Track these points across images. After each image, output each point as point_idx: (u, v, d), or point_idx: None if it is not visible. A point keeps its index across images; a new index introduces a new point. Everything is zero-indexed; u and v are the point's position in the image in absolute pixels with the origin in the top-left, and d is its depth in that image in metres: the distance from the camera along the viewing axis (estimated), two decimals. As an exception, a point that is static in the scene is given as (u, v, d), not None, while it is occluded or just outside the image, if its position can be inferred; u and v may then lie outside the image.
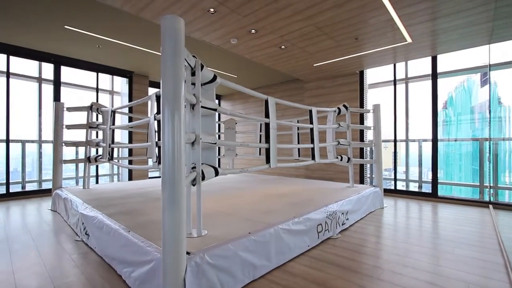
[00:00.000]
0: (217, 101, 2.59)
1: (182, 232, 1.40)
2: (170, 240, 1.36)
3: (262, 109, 7.45)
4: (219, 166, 1.98)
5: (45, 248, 2.40)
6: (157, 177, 6.71)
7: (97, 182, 5.93)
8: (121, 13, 3.38)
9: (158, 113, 2.75)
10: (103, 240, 2.20)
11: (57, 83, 5.20)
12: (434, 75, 4.61)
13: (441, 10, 3.03)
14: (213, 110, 2.01)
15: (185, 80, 1.54)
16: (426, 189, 4.94)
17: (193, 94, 1.81)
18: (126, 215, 2.41)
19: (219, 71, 5.96)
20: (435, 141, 4.59)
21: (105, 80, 6.16)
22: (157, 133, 2.86)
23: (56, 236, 2.73)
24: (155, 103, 2.82)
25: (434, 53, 4.42)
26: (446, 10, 3.03)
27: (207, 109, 1.94)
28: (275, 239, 2.03)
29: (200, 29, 3.58)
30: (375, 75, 5.54)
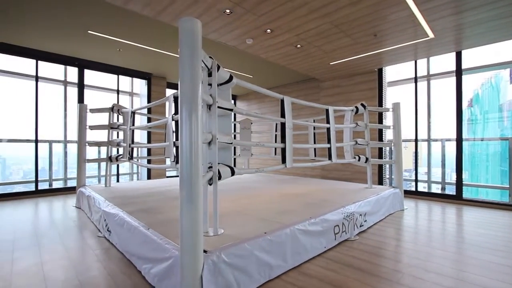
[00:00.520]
0: (232, 101, 2.60)
1: (199, 230, 1.43)
2: (187, 238, 1.39)
3: (277, 109, 7.42)
4: (235, 166, 2.00)
5: (70, 243, 2.52)
6: (174, 176, 6.86)
7: (118, 180, 6.15)
8: (140, 17, 3.48)
9: (175, 113, 2.81)
10: (124, 236, 2.27)
11: (81, 86, 5.45)
12: (458, 72, 4.40)
13: (466, 3, 2.88)
14: (229, 110, 2.03)
15: (202, 81, 1.56)
16: (449, 191, 4.73)
17: (210, 94, 1.83)
18: (145, 212, 2.49)
19: (234, 71, 6.00)
20: (459, 140, 4.38)
21: (125, 82, 6.38)
22: (174, 133, 2.92)
23: (80, 232, 2.86)
24: (173, 104, 2.88)
25: (458, 48, 4.21)
26: (471, 3, 2.88)
27: (224, 109, 1.95)
28: (291, 240, 2.02)
29: (216, 30, 3.62)
30: (395, 72, 5.36)
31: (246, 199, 3.12)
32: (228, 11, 3.11)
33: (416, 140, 4.90)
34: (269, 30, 3.60)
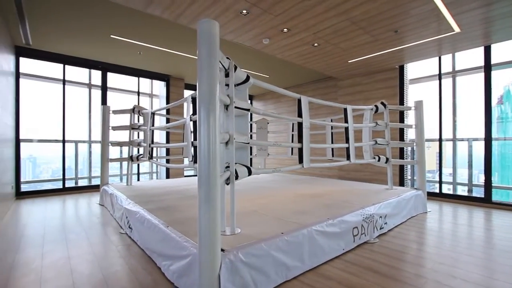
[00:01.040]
0: (249, 101, 2.61)
1: (217, 229, 1.44)
2: (205, 236, 1.41)
3: (293, 108, 7.36)
4: (251, 165, 2.00)
5: (94, 239, 2.63)
6: (192, 175, 6.99)
7: (138, 179, 6.35)
8: (160, 20, 3.58)
9: (193, 114, 2.86)
10: (144, 233, 2.35)
11: (104, 88, 5.68)
12: (487, 67, 4.15)
13: (496, -6, 2.72)
14: (246, 110, 2.03)
15: (219, 81, 1.57)
16: (477, 193, 4.47)
17: (227, 95, 1.85)
18: (164, 210, 2.55)
19: (251, 72, 6.02)
20: (488, 140, 4.13)
21: (145, 84, 6.58)
22: (192, 133, 2.97)
23: (103, 228, 2.99)
24: (191, 105, 2.93)
25: (487, 42, 3.98)
26: (502, -6, 2.71)
27: (241, 109, 1.96)
28: (308, 240, 1.99)
29: (232, 31, 3.65)
30: (417, 69, 5.16)
31: (262, 199, 3.12)
32: (244, 11, 3.12)
33: (440, 139, 4.69)
34: (285, 29, 3.58)
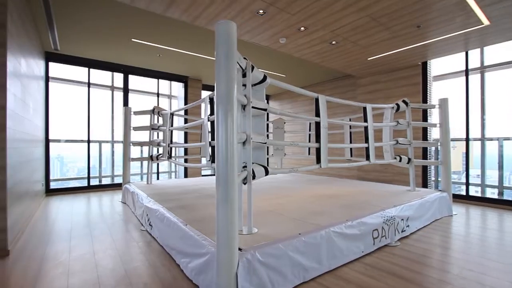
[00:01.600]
0: (265, 101, 2.62)
1: (234, 228, 1.45)
2: (223, 235, 1.43)
3: (310, 108, 7.27)
4: (268, 165, 2.00)
5: (117, 235, 2.74)
6: (209, 175, 7.09)
7: (158, 178, 6.54)
8: (178, 23, 3.66)
9: (211, 114, 2.90)
10: (164, 231, 2.41)
11: (126, 90, 5.89)
12: (519, 62, 3.89)
13: (530, -17, 2.54)
14: (263, 110, 2.03)
15: (236, 81, 1.58)
16: (508, 196, 4.20)
17: (244, 95, 1.85)
18: (183, 209, 2.60)
19: (267, 71, 6.02)
20: (521, 139, 3.87)
21: (164, 85, 6.76)
22: (210, 134, 3.01)
23: (125, 225, 3.10)
24: (208, 105, 2.97)
25: (519, 35, 3.73)
26: (537, -17, 2.53)
27: (258, 109, 1.97)
28: (326, 242, 1.96)
29: (249, 31, 3.66)
30: (442, 65, 4.92)
31: (279, 199, 3.11)
32: (261, 11, 3.12)
33: (467, 139, 4.45)
34: (302, 28, 3.54)
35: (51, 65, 5.06)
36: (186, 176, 6.67)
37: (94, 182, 5.65)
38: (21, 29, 2.82)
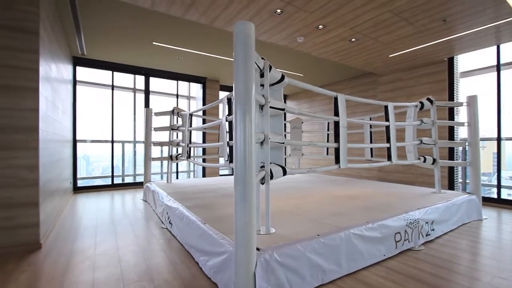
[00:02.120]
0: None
1: (252, 228, 1.46)
2: (241, 235, 1.43)
3: (328, 107, 7.14)
4: (285, 165, 2.00)
5: (139, 232, 2.83)
6: (226, 174, 7.17)
7: (177, 177, 6.69)
8: (196, 25, 3.73)
9: (229, 114, 2.93)
10: (183, 229, 2.46)
11: (147, 92, 6.09)
12: (559, 55, 3.60)
13: None
14: (281, 110, 2.02)
15: (254, 82, 1.59)
16: (546, 200, 3.90)
17: (262, 95, 1.86)
18: (202, 208, 2.65)
19: (284, 71, 5.98)
20: (560, 139, 3.58)
21: (183, 86, 6.91)
22: (227, 134, 3.05)
23: (146, 222, 3.20)
24: (226, 106, 3.01)
25: (559, 26, 3.45)
26: None
27: (276, 109, 1.96)
28: (346, 244, 1.92)
29: (266, 31, 3.66)
30: (470, 61, 4.66)
31: (296, 199, 3.08)
32: (279, 11, 3.11)
33: (498, 138, 4.18)
34: (321, 26, 3.48)
35: (78, 69, 5.33)
36: (204, 175, 6.78)
37: (117, 180, 5.88)
38: (51, 36, 2.99)
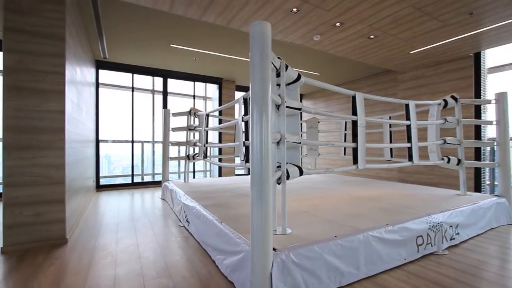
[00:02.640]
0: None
1: (269, 228, 1.46)
2: (258, 234, 1.44)
3: (345, 106, 7.00)
4: (301, 165, 1.98)
5: (157, 229, 2.91)
6: (242, 174, 7.20)
7: (194, 177, 6.81)
8: (213, 27, 3.77)
9: (245, 114, 2.94)
10: (200, 227, 2.50)
11: (165, 93, 6.24)
12: None
13: None
14: (298, 109, 2.00)
15: (271, 81, 1.58)
16: None
17: (278, 94, 1.85)
18: (218, 207, 2.68)
19: (301, 70, 5.93)
20: None
21: (199, 87, 7.02)
22: (244, 133, 3.06)
23: (165, 220, 3.28)
24: (242, 106, 3.02)
25: None
26: None
27: (292, 108, 1.95)
28: (364, 246, 1.87)
29: (282, 30, 3.64)
30: (499, 56, 4.40)
31: (313, 200, 3.04)
32: (295, 9, 3.08)
33: (531, 138, 3.91)
34: (338, 23, 3.42)
35: (101, 72, 5.55)
36: (220, 175, 6.85)
37: (137, 179, 6.08)
38: (76, 40, 3.14)
